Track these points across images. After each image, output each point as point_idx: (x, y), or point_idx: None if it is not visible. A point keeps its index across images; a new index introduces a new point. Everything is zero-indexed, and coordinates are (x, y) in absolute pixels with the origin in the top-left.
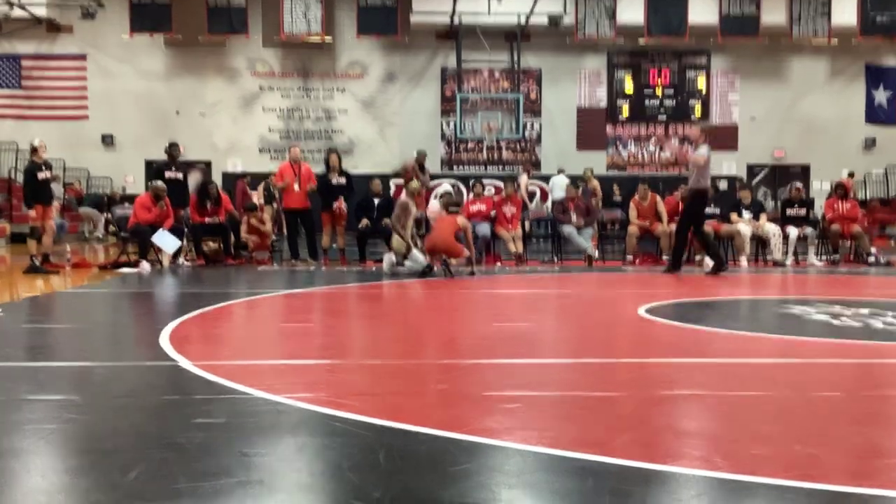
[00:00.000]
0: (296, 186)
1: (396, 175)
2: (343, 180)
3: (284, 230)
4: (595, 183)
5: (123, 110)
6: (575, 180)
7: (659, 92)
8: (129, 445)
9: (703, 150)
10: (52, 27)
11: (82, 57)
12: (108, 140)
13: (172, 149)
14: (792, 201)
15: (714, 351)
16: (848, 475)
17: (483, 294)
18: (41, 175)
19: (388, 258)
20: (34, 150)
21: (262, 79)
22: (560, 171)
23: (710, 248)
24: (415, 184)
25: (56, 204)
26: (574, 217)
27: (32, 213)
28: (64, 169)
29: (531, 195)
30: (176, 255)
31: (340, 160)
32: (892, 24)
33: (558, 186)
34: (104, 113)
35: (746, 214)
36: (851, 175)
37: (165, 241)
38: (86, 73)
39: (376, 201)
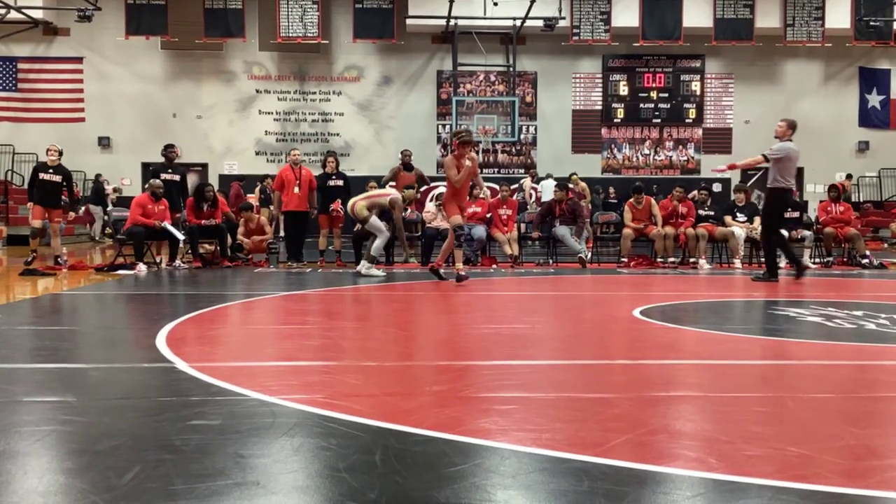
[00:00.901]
0: (295, 189)
1: (387, 183)
2: (340, 183)
3: (282, 232)
4: (582, 185)
5: (120, 113)
6: (566, 184)
7: (654, 95)
8: (125, 447)
9: (778, 146)
10: (49, 30)
11: (79, 59)
12: (104, 142)
13: (168, 150)
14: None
15: (708, 352)
16: (842, 476)
17: (478, 296)
18: (43, 176)
19: (364, 264)
20: (47, 152)
21: (258, 82)
22: (548, 176)
23: (768, 254)
24: (410, 192)
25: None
26: (558, 223)
27: (29, 205)
28: None
29: (530, 197)
30: (172, 257)
31: (338, 163)
32: (886, 28)
33: (548, 190)
34: (101, 115)
35: (741, 217)
36: (849, 177)
37: (172, 231)
38: (82, 75)
39: None
